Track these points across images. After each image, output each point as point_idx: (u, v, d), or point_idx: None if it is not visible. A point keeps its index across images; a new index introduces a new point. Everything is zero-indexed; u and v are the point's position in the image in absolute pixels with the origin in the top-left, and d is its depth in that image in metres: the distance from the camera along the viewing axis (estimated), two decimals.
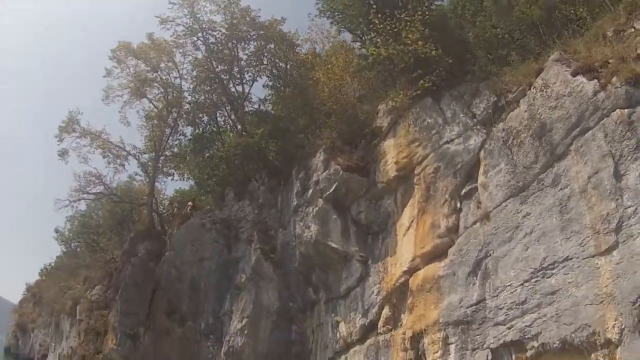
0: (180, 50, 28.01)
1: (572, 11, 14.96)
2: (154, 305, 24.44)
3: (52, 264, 54.19)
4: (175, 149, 30.40)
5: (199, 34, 26.17)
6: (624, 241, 10.08)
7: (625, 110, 10.71)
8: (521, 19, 15.89)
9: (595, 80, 11.54)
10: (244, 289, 20.27)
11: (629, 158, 10.41)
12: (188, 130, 29.23)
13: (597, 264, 10.40)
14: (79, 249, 45.15)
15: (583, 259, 10.69)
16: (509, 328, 11.77)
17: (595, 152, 11.00)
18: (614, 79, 11.20)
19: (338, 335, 17.06)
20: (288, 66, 25.72)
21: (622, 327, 9.69)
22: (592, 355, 10.20)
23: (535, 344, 11.12)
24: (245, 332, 19.16)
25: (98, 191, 34.08)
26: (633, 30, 12.44)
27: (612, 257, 10.20)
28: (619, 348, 9.71)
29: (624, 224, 10.17)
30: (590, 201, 10.89)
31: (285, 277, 19.69)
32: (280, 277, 19.65)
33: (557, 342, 10.69)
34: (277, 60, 26.14)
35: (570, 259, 10.94)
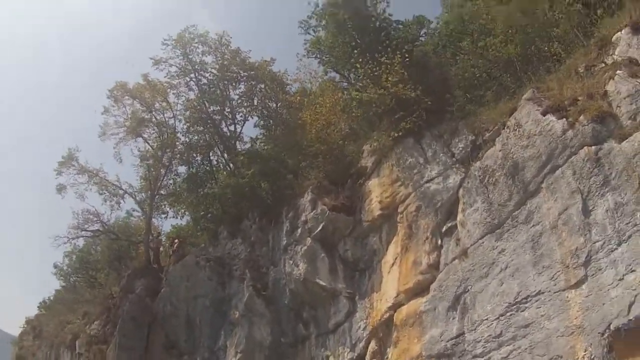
0: (174, 91, 28.72)
1: (546, 47, 15.55)
2: (151, 340, 24.73)
3: (51, 298, 54.61)
4: (171, 188, 30.90)
5: (192, 75, 26.94)
6: (593, 274, 10.56)
7: (592, 147, 11.27)
8: (497, 57, 16.43)
9: (564, 119, 12.11)
10: (237, 325, 20.50)
11: (597, 194, 10.92)
12: (182, 169, 29.71)
13: (567, 297, 10.86)
14: (77, 284, 45.51)
15: (554, 292, 11.16)
16: None
17: (565, 189, 11.53)
18: (581, 117, 11.76)
19: None
20: (278, 106, 26.29)
21: (592, 357, 10.15)
22: None
23: None
24: None
25: (96, 228, 34.58)
26: (603, 65, 13.06)
27: (582, 290, 10.66)
28: None
29: (592, 258, 10.65)
30: (560, 236, 11.39)
31: (277, 313, 19.93)
32: (272, 313, 19.89)
33: None
34: (267, 101, 26.82)
35: (542, 292, 11.40)
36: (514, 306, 11.88)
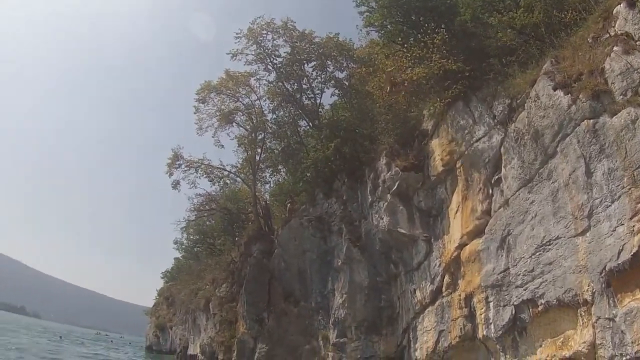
0: (254, 77, 32.27)
1: (563, 15, 16.89)
2: (271, 293, 29.47)
3: (172, 269, 61.77)
4: (268, 162, 35.08)
5: (267, 60, 30.23)
6: (594, 225, 13.06)
7: (591, 120, 13.46)
8: (523, 26, 18.20)
9: (569, 95, 14.40)
10: (340, 271, 24.62)
11: (596, 159, 13.20)
12: (275, 145, 33.74)
13: (577, 242, 13.56)
14: (199, 254, 51.31)
15: (567, 238, 13.89)
16: (524, 290, 15.24)
17: (573, 154, 13.98)
18: (581, 95, 13.95)
19: (415, 299, 20.86)
20: (347, 75, 29.06)
21: (594, 290, 12.91)
22: (577, 310, 13.55)
23: (542, 301, 14.55)
24: (346, 305, 23.57)
25: (210, 208, 40.11)
26: (608, 36, 14.55)
27: (586, 237, 13.25)
28: (593, 306, 12.99)
29: (593, 212, 13.09)
30: (571, 193, 13.99)
31: (371, 258, 23.65)
32: (367, 259, 23.72)
33: (555, 300, 14.12)
34: (337, 72, 29.71)
35: (560, 238, 14.17)
36: (541, 247, 14.76)
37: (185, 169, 37.42)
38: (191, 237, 52.94)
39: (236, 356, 29.84)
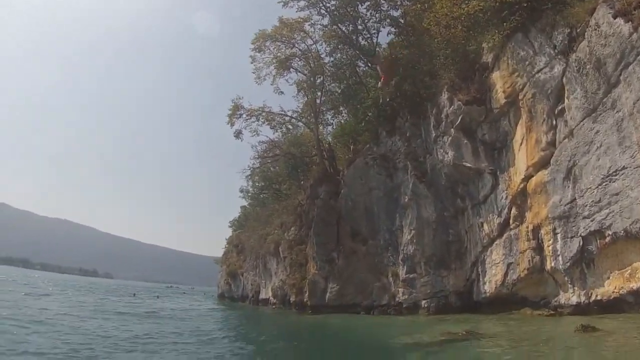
0: (308, 23, 32.27)
1: None
2: (340, 233, 30.34)
3: (239, 217, 63.29)
4: (329, 105, 35.41)
5: (319, 4, 30.10)
6: None
7: None
8: None
9: (630, 23, 14.20)
10: (408, 207, 25.12)
11: None
12: (335, 87, 33.87)
13: None
14: (265, 201, 51.90)
15: (634, 168, 13.95)
16: (591, 221, 15.44)
17: (637, 82, 13.87)
18: None
19: (483, 233, 21.24)
20: (402, 13, 28.61)
21: None
22: None
23: (610, 232, 14.75)
24: (414, 240, 24.20)
25: (274, 154, 41.07)
26: None
27: None
28: None
29: None
30: (636, 122, 13.94)
31: (437, 193, 24.03)
32: (433, 194, 24.12)
33: (622, 231, 14.28)
34: (392, 11, 29.34)
35: (626, 168, 14.20)
36: (607, 178, 14.81)
37: (247, 118, 38.64)
38: (257, 184, 54.10)
39: (308, 297, 30.99)
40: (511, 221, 19.80)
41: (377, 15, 29.91)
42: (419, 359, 13.18)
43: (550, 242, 17.55)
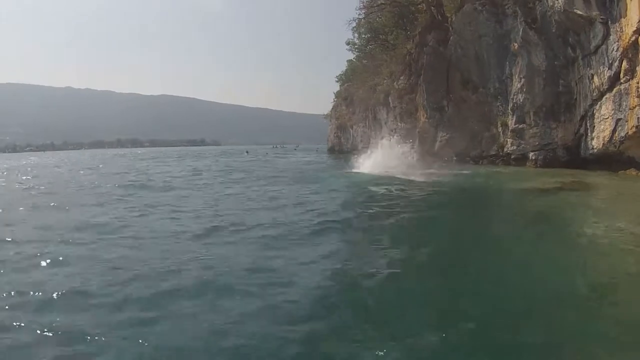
0: None
1: None
2: (450, 81, 30.09)
3: (346, 71, 61.84)
4: None
5: None
6: None
7: None
8: None
9: None
10: (518, 55, 24.45)
11: None
12: None
13: None
14: (372, 52, 50.25)
15: None
16: None
17: None
18: None
19: (593, 85, 20.64)
20: None
21: None
22: None
23: None
24: (524, 89, 23.98)
25: (380, 3, 39.60)
26: None
27: None
28: None
29: None
30: None
31: (548, 41, 23.08)
32: (544, 42, 23.19)
33: None
34: None
35: None
36: None
37: None
38: (363, 36, 52.59)
39: (418, 145, 31.36)
40: (622, 75, 19.14)
41: None
42: (536, 199, 14.11)
43: None
